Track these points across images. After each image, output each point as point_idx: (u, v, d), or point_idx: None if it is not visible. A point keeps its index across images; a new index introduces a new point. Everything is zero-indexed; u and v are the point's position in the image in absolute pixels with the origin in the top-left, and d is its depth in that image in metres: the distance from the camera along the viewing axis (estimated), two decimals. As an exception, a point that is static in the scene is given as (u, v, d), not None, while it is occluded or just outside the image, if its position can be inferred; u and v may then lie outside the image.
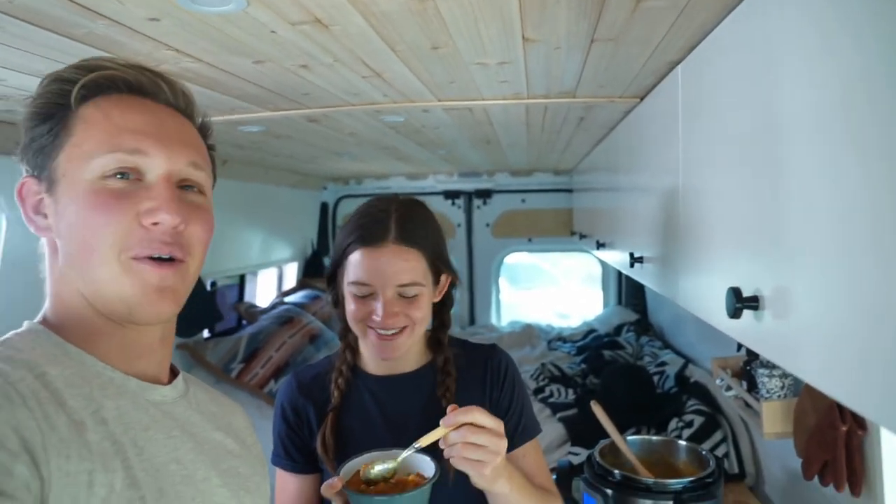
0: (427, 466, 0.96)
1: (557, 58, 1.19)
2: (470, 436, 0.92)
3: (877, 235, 0.55)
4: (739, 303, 0.80)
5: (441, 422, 0.94)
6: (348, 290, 1.11)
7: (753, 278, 0.82)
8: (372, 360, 1.20)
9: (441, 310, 1.23)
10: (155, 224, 0.67)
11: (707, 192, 1.04)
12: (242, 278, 3.50)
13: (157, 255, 0.68)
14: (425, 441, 0.94)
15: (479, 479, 0.96)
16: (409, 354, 1.19)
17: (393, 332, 1.09)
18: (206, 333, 3.08)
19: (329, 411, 1.15)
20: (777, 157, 0.74)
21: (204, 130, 0.80)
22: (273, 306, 3.43)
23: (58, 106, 0.69)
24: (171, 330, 0.78)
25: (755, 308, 0.79)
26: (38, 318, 0.71)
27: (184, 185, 0.72)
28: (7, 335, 0.67)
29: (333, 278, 1.17)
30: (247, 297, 3.59)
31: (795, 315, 0.70)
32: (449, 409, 0.94)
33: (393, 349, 1.10)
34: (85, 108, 0.69)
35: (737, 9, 0.87)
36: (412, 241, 1.09)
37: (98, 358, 0.68)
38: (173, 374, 0.80)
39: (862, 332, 0.57)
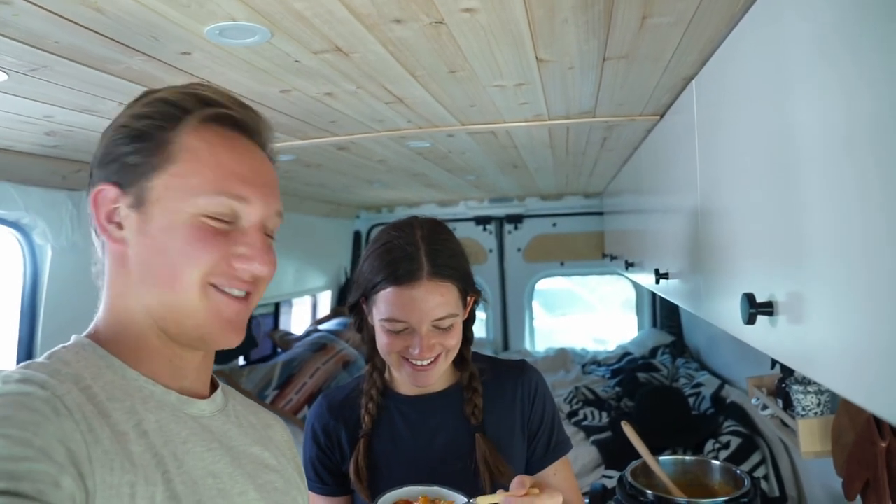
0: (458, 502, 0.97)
1: (573, 77, 1.22)
2: None
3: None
4: (753, 308, 0.80)
5: (500, 492, 0.90)
6: (380, 325, 1.09)
7: (768, 285, 0.82)
8: (402, 380, 1.19)
9: (464, 326, 1.21)
10: (246, 270, 0.71)
11: (724, 207, 1.04)
12: (277, 307, 3.57)
13: (234, 293, 0.71)
14: (482, 501, 0.91)
15: None
16: None
17: (429, 361, 1.09)
18: (241, 360, 3.14)
19: (360, 437, 1.15)
20: (792, 168, 0.75)
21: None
22: (307, 334, 3.49)
23: (159, 128, 0.69)
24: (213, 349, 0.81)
25: (770, 314, 0.80)
26: (90, 328, 0.73)
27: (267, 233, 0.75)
28: (55, 348, 0.69)
29: (356, 306, 1.17)
30: (281, 325, 3.66)
31: (812, 321, 0.70)
32: (516, 479, 0.89)
33: (429, 377, 1.11)
34: (190, 138, 0.69)
35: (742, 20, 0.89)
36: (445, 274, 1.07)
37: (142, 372, 0.70)
38: (213, 387, 0.81)
39: (890, 338, 0.55)
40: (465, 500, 0.95)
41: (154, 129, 0.69)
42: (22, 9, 0.80)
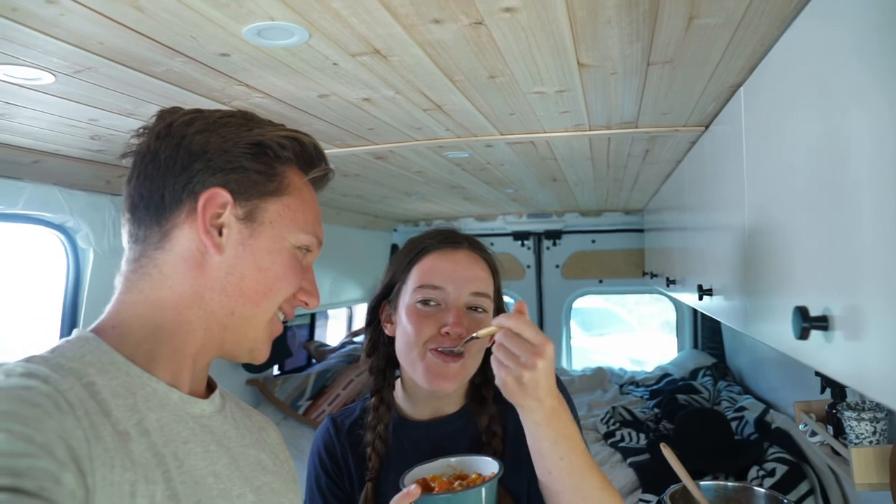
0: (488, 466, 0.94)
1: (615, 84, 1.18)
2: (505, 340, 0.89)
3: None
4: (806, 322, 0.76)
5: (493, 320, 0.92)
6: (410, 305, 1.05)
7: (822, 299, 0.77)
8: (415, 402, 1.12)
9: (485, 363, 1.11)
10: (305, 303, 0.80)
11: (774, 219, 1.00)
12: (313, 318, 3.59)
13: (284, 320, 0.80)
14: (482, 333, 0.95)
15: (505, 390, 0.89)
16: (452, 394, 1.10)
17: (458, 350, 1.02)
18: (276, 370, 3.15)
19: (367, 481, 1.06)
20: (848, 177, 0.70)
21: None
22: (342, 345, 3.49)
23: (284, 160, 0.76)
24: None
25: (824, 328, 0.75)
26: (96, 323, 0.72)
27: None
28: (58, 342, 0.68)
29: (376, 314, 1.12)
30: (317, 337, 3.67)
31: (872, 336, 0.65)
32: (516, 304, 0.93)
33: (449, 375, 1.02)
34: (297, 178, 0.78)
35: (794, 22, 0.85)
36: (485, 253, 1.09)
37: (147, 370, 0.69)
38: (210, 388, 0.81)
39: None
40: (498, 465, 0.93)
41: (283, 161, 0.76)
42: (68, 8, 0.81)
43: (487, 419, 1.10)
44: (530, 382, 0.87)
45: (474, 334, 0.96)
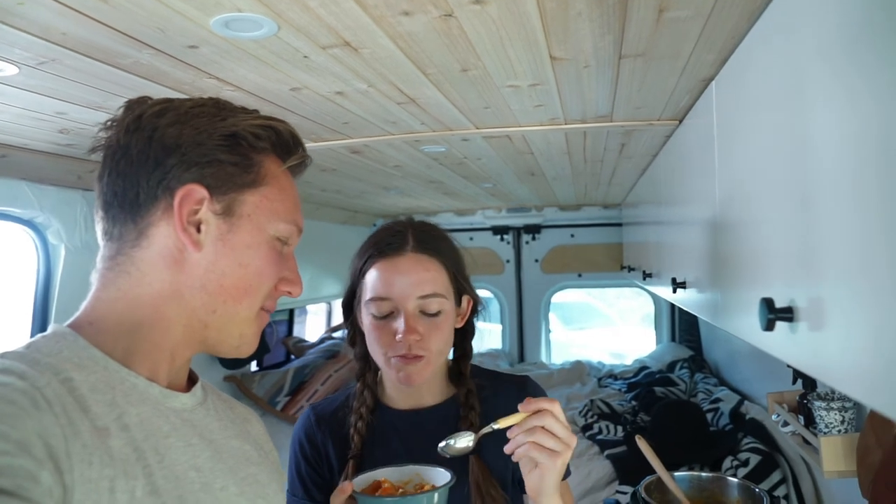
0: (442, 478, 0.94)
1: (588, 77, 1.19)
2: (553, 425, 0.87)
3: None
4: (772, 313, 0.76)
5: (519, 406, 0.90)
6: (367, 314, 1.07)
7: (788, 290, 0.78)
8: (396, 393, 1.14)
9: (462, 339, 1.17)
10: (288, 293, 0.78)
11: (742, 212, 1.00)
12: (292, 313, 3.56)
13: (268, 311, 0.78)
14: (503, 422, 0.91)
15: (547, 475, 0.89)
16: (432, 387, 1.13)
17: (416, 353, 1.04)
18: (253, 366, 3.13)
19: (349, 458, 1.09)
20: (811, 175, 0.71)
21: None
22: (321, 341, 3.48)
23: (261, 150, 0.75)
24: None
25: (789, 319, 0.76)
26: (73, 318, 0.71)
27: None
28: (34, 338, 0.67)
29: (351, 309, 1.14)
30: (295, 332, 3.65)
31: (835, 327, 0.66)
32: (526, 399, 0.90)
33: (414, 373, 1.04)
34: (274, 166, 0.76)
35: (762, 15, 0.86)
36: (432, 250, 1.07)
37: (125, 365, 0.68)
38: (191, 381, 0.80)
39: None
40: (449, 476, 0.92)
41: (259, 150, 0.74)
42: (27, -3, 0.79)
43: (465, 393, 1.12)
44: (563, 466, 0.91)
45: (494, 426, 0.92)
